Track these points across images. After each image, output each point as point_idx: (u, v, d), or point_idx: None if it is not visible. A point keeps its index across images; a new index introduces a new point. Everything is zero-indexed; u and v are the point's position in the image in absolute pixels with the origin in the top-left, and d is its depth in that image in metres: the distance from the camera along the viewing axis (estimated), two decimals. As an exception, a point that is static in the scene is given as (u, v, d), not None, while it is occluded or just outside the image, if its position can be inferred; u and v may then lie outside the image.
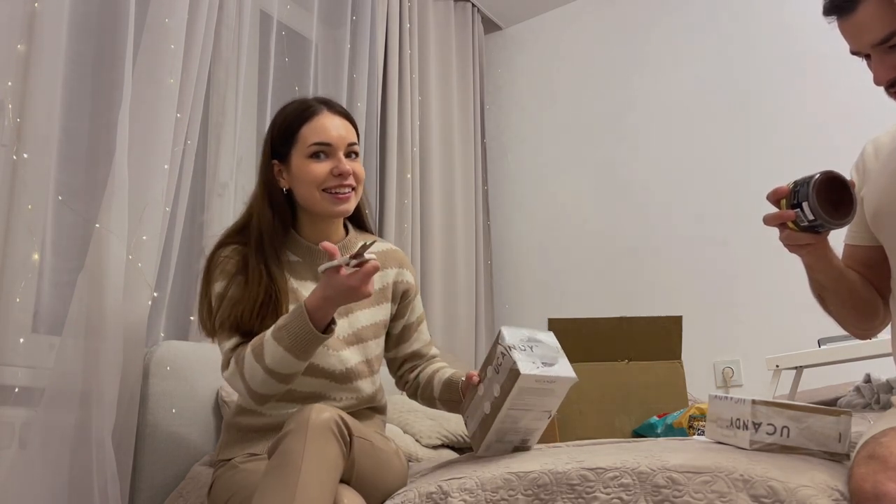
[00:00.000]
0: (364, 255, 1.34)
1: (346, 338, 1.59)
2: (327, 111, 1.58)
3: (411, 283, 1.73)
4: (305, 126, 1.56)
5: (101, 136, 1.99)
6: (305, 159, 1.55)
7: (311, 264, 1.61)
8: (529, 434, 1.42)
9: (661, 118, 3.22)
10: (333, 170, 1.54)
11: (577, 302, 3.23)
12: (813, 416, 1.19)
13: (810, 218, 1.19)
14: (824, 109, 2.82)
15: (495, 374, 1.39)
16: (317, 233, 1.62)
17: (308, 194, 1.56)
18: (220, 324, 1.51)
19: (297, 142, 1.56)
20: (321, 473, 1.22)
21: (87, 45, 2.04)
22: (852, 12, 1.19)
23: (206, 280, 1.57)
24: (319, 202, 1.55)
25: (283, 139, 1.58)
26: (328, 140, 1.55)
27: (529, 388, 1.34)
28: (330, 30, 2.91)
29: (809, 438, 1.19)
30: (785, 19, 2.97)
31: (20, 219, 1.74)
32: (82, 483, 1.66)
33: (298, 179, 1.56)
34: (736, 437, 1.23)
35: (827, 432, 1.19)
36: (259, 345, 1.42)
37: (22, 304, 1.74)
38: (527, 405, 1.36)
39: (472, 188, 3.37)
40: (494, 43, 3.81)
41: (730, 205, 2.98)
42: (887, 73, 1.19)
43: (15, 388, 1.72)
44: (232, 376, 1.46)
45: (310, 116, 1.57)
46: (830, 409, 1.19)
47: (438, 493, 1.30)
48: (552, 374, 1.34)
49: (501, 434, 1.39)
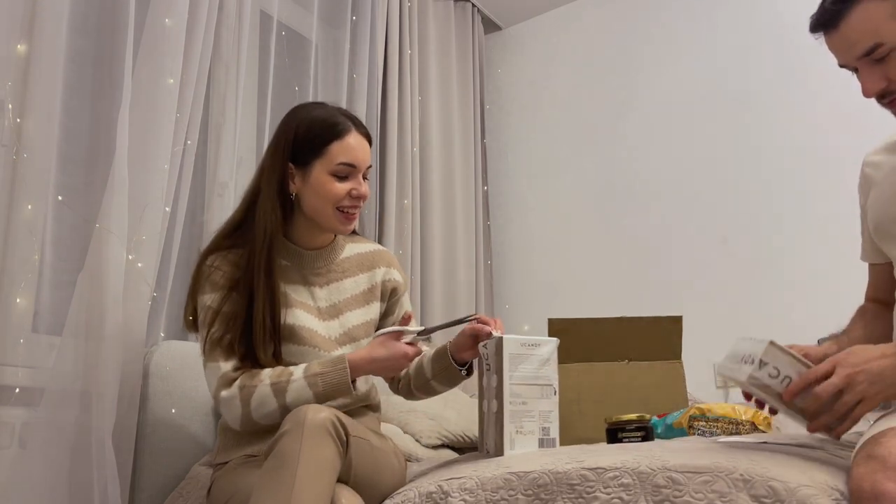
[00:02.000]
0: (430, 337, 1.52)
1: (338, 338, 1.60)
2: (356, 131, 1.60)
3: (399, 282, 1.74)
4: (336, 143, 1.57)
5: (101, 136, 1.99)
6: (328, 175, 1.56)
7: (300, 268, 1.63)
8: (547, 420, 1.45)
9: (660, 118, 3.22)
10: (352, 191, 1.57)
11: (577, 302, 3.23)
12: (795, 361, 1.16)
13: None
14: (824, 109, 2.82)
15: (488, 372, 1.47)
16: (310, 239, 1.64)
17: (320, 207, 1.57)
18: (216, 341, 1.50)
19: (324, 155, 1.56)
20: (317, 474, 1.22)
21: (87, 45, 2.04)
22: (837, 27, 1.21)
23: (195, 287, 1.58)
24: (330, 218, 1.58)
25: (309, 148, 1.57)
26: (355, 162, 1.57)
27: (518, 353, 1.44)
28: (330, 30, 2.91)
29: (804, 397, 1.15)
30: (784, 19, 2.97)
31: (20, 219, 1.74)
32: (82, 483, 1.66)
33: (315, 191, 1.57)
34: (740, 371, 1.19)
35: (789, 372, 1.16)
36: (283, 381, 1.44)
37: (22, 304, 1.74)
38: (526, 378, 1.44)
39: (472, 188, 3.37)
40: (494, 43, 3.80)
41: (730, 205, 2.98)
42: (875, 84, 1.21)
43: (15, 388, 1.72)
44: (230, 399, 1.45)
45: (341, 134, 1.58)
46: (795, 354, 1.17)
47: (438, 492, 1.30)
48: (533, 338, 1.47)
49: (517, 419, 1.42)
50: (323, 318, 1.60)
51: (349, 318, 1.63)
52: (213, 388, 1.49)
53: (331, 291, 1.64)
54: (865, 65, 1.21)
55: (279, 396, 1.43)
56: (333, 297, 1.64)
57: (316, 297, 1.62)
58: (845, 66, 1.25)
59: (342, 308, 1.63)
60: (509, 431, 1.41)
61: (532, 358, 1.45)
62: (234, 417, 1.46)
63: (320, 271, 1.64)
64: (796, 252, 2.79)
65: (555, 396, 1.47)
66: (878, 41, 1.17)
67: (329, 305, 1.62)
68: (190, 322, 1.61)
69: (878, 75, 1.20)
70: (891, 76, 1.20)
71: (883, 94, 1.21)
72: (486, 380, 1.47)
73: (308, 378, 1.44)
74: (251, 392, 1.44)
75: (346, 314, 1.63)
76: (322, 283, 1.64)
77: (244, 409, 1.44)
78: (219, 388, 1.47)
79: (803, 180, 2.83)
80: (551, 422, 1.46)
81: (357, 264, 1.69)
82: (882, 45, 1.18)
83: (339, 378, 1.44)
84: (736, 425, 1.83)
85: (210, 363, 1.50)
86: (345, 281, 1.66)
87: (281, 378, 1.45)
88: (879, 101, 1.23)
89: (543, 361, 1.47)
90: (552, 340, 1.51)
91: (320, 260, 1.65)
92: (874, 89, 1.21)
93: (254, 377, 1.46)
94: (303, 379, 1.44)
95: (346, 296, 1.65)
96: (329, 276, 1.65)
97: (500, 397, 1.42)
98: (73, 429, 1.70)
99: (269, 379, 1.45)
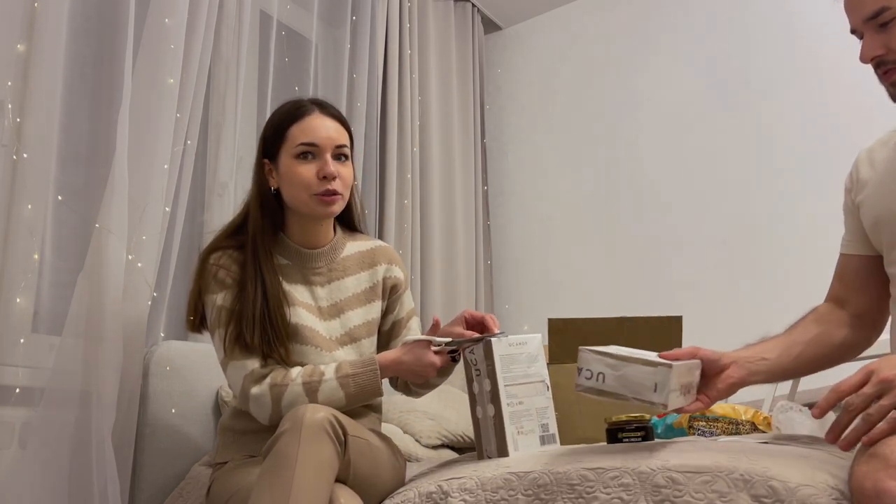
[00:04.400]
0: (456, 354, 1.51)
1: (339, 338, 1.60)
2: (318, 112, 1.58)
3: (400, 279, 1.73)
4: (295, 125, 1.56)
5: (101, 136, 1.99)
6: (293, 159, 1.55)
7: (300, 267, 1.62)
8: (544, 416, 1.44)
9: (661, 118, 3.22)
10: (318, 172, 1.54)
11: (577, 302, 3.23)
12: (630, 365, 1.20)
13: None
14: (825, 109, 2.82)
15: (478, 377, 1.45)
16: (305, 234, 1.62)
17: (296, 195, 1.56)
18: (236, 339, 1.50)
19: (285, 141, 1.56)
20: (316, 473, 1.22)
21: (87, 45, 2.04)
22: None
23: (199, 285, 1.57)
24: (307, 204, 1.56)
25: (274, 138, 1.59)
26: (315, 140, 1.55)
27: (508, 354, 1.44)
28: (330, 30, 2.91)
29: (624, 385, 1.20)
30: (786, 18, 2.97)
31: (20, 219, 1.74)
32: (82, 483, 1.66)
33: (287, 180, 1.56)
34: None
35: (642, 381, 1.19)
36: (315, 382, 1.45)
37: (22, 304, 1.74)
38: (518, 378, 1.44)
39: (472, 188, 3.37)
40: (494, 43, 3.80)
41: (730, 205, 2.98)
42: (872, 50, 1.23)
43: (15, 388, 1.72)
44: (260, 396, 1.45)
45: (300, 116, 1.57)
46: (649, 360, 1.19)
47: (438, 492, 1.30)
48: (518, 336, 1.47)
49: (517, 420, 1.42)
50: (324, 318, 1.60)
51: (350, 317, 1.63)
52: (240, 385, 1.48)
53: (332, 290, 1.63)
54: (870, 29, 1.23)
55: (311, 395, 1.44)
56: (334, 296, 1.63)
57: (317, 297, 1.61)
58: (854, 32, 1.27)
59: (343, 307, 1.62)
60: (511, 433, 1.40)
61: (521, 357, 1.45)
62: (263, 415, 1.46)
63: (321, 270, 1.64)
64: (796, 252, 2.79)
65: (548, 392, 1.47)
66: (886, 4, 1.20)
67: (330, 305, 1.62)
68: (191, 322, 1.60)
69: (878, 42, 1.22)
70: (891, 45, 1.21)
71: (879, 63, 1.23)
72: (478, 385, 1.45)
73: (340, 379, 1.45)
74: (282, 391, 1.45)
75: (348, 313, 1.63)
76: (323, 282, 1.63)
77: (274, 406, 1.45)
78: (248, 385, 1.47)
79: (803, 181, 2.83)
80: (549, 417, 1.46)
81: (358, 262, 1.68)
82: (888, 9, 1.20)
83: (371, 380, 1.46)
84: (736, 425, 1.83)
85: (233, 361, 1.50)
86: (346, 280, 1.65)
87: (313, 378, 1.46)
88: (875, 69, 1.25)
89: (532, 359, 1.46)
90: (536, 336, 1.50)
91: (321, 259, 1.64)
92: (870, 54, 1.23)
93: (285, 376, 1.46)
94: (335, 380, 1.45)
95: (347, 295, 1.64)
96: (330, 275, 1.64)
97: (496, 401, 1.41)
98: (73, 429, 1.70)
99: (300, 378, 1.46)
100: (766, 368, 1.31)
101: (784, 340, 1.36)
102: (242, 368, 1.48)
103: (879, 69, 1.24)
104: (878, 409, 1.01)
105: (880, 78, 1.25)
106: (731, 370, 1.28)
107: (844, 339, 1.38)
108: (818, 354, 1.37)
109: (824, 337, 1.37)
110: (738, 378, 1.28)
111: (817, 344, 1.37)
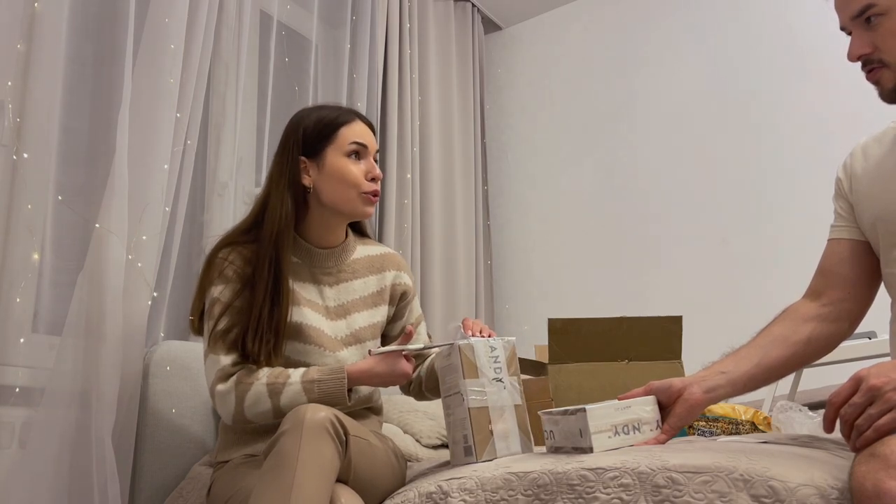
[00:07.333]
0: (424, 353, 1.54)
1: (344, 339, 1.60)
2: (359, 120, 1.65)
3: (409, 286, 1.75)
4: (345, 127, 1.62)
5: (101, 136, 1.99)
6: (343, 157, 1.59)
7: (310, 266, 1.63)
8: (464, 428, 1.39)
9: (661, 118, 3.22)
10: (367, 174, 1.60)
11: (577, 302, 3.23)
12: (562, 418, 1.28)
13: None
14: (825, 108, 2.82)
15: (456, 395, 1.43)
16: (321, 235, 1.63)
17: (342, 192, 1.59)
18: (221, 334, 1.50)
19: (335, 140, 1.60)
20: (316, 473, 1.22)
21: (87, 45, 2.04)
22: None
23: (205, 279, 1.57)
24: (353, 201, 1.59)
25: (320, 137, 1.60)
26: (365, 142, 1.61)
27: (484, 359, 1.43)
28: (330, 30, 2.91)
29: (565, 437, 1.28)
30: (785, 18, 2.97)
31: (20, 219, 1.74)
32: (82, 483, 1.66)
33: (332, 177, 1.58)
34: None
35: (571, 429, 1.27)
36: (279, 384, 1.45)
37: (22, 304, 1.74)
38: (450, 388, 1.44)
39: (472, 188, 3.37)
40: (494, 43, 3.80)
41: (730, 205, 2.98)
42: (860, 48, 1.23)
43: (15, 388, 1.72)
44: (225, 394, 1.46)
45: (348, 120, 1.63)
46: (570, 410, 1.27)
47: (438, 493, 1.30)
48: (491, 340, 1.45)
49: (451, 431, 1.43)
50: (330, 318, 1.61)
51: (356, 319, 1.63)
52: (211, 380, 1.49)
53: (340, 291, 1.64)
54: (857, 27, 1.23)
55: (274, 397, 1.44)
56: (342, 297, 1.64)
57: (325, 297, 1.62)
58: (843, 29, 1.27)
59: (350, 309, 1.63)
60: (450, 442, 1.43)
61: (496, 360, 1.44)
62: (227, 412, 1.47)
63: (330, 270, 1.64)
64: (796, 252, 2.78)
65: (464, 403, 1.40)
66: (871, 2, 1.20)
67: (337, 305, 1.62)
68: (193, 322, 1.59)
69: (865, 40, 1.22)
70: (877, 43, 1.22)
71: (865, 61, 1.23)
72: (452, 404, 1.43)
73: (305, 383, 1.45)
74: (246, 389, 1.45)
75: (354, 315, 1.63)
76: (332, 282, 1.64)
77: (238, 405, 1.45)
78: (215, 381, 1.48)
79: (803, 181, 2.83)
80: (467, 429, 1.39)
81: (367, 266, 1.69)
82: (875, 5, 1.20)
83: (336, 388, 1.45)
84: (736, 425, 1.83)
85: (211, 355, 1.51)
86: (354, 282, 1.66)
87: (278, 379, 1.45)
88: (862, 67, 1.25)
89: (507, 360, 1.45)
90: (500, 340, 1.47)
91: (331, 259, 1.65)
92: (857, 52, 1.23)
93: (251, 374, 1.46)
94: (300, 384, 1.45)
95: (354, 297, 1.65)
96: (339, 276, 1.65)
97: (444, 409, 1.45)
98: (73, 429, 1.70)
99: (265, 378, 1.45)
100: (725, 381, 1.28)
101: (744, 349, 1.33)
102: (216, 363, 1.49)
103: (865, 67, 1.24)
104: (866, 419, 1.01)
105: (866, 76, 1.25)
106: (686, 393, 1.27)
107: (811, 335, 1.34)
108: (784, 355, 1.32)
109: (788, 335, 1.34)
110: (695, 399, 1.26)
111: (781, 344, 1.33)
